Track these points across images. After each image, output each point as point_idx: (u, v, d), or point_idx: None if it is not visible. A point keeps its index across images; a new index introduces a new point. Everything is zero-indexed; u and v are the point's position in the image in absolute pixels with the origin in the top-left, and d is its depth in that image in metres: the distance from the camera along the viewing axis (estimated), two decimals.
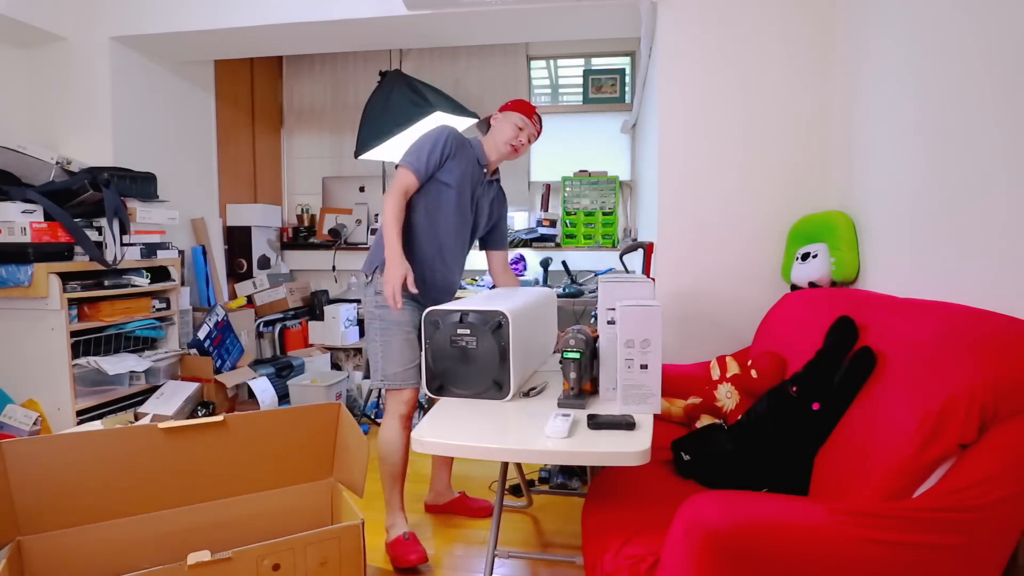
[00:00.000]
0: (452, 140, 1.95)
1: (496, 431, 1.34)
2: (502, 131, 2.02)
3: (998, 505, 0.94)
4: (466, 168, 1.99)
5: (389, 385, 1.94)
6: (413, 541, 1.91)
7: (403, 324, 1.93)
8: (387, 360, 1.93)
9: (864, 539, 0.95)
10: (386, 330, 1.94)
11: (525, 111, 2.04)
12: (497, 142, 2.03)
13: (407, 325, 1.93)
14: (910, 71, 1.63)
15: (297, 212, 4.17)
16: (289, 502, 1.77)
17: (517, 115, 2.03)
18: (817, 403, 1.35)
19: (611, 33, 2.93)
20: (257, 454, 1.72)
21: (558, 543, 2.05)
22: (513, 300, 1.63)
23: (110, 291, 2.60)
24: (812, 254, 2.02)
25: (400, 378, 1.93)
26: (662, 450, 1.59)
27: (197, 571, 1.33)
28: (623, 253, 2.82)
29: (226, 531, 1.66)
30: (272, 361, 3.32)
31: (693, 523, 0.99)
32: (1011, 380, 0.99)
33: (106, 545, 1.53)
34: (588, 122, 3.93)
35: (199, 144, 3.53)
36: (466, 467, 2.65)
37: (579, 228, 3.62)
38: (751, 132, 2.27)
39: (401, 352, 1.93)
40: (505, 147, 2.01)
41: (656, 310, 1.39)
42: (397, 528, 1.96)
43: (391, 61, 4.00)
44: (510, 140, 2.01)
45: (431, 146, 1.92)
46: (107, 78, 2.94)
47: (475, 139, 2.07)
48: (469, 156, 2.00)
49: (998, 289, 1.25)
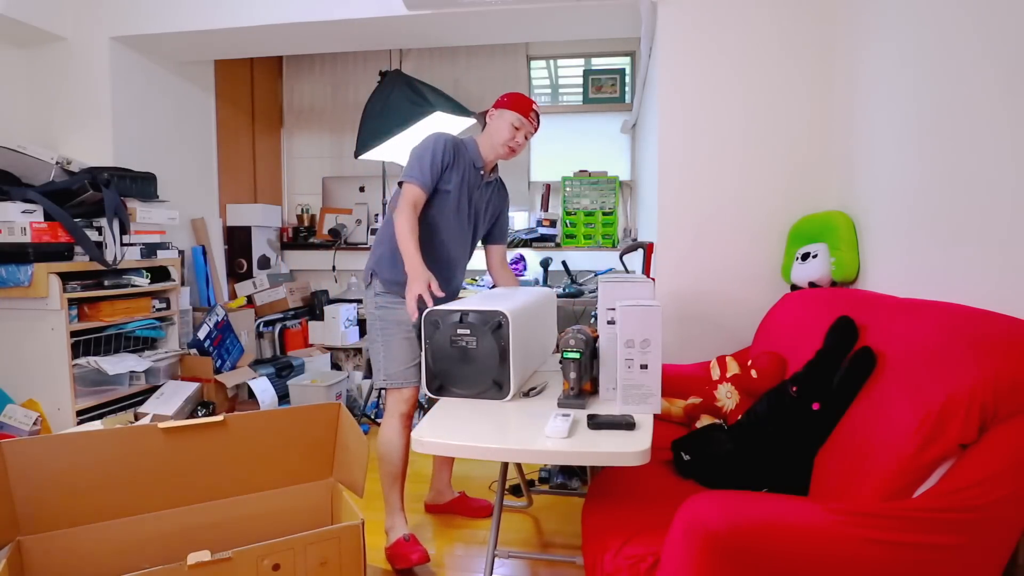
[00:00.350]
0: (449, 147, 1.92)
1: (496, 431, 1.34)
2: (498, 131, 1.97)
3: (998, 505, 0.94)
4: (463, 174, 1.96)
5: (391, 384, 1.93)
6: (413, 542, 1.90)
7: (403, 324, 1.93)
8: (388, 359, 1.94)
9: (864, 539, 0.95)
10: (386, 330, 1.94)
11: (521, 109, 1.97)
12: (494, 143, 1.98)
13: (407, 325, 1.92)
14: (910, 71, 1.63)
15: (297, 212, 4.17)
16: (289, 502, 1.77)
17: (513, 114, 1.96)
18: (817, 403, 1.35)
19: (611, 33, 2.93)
20: (257, 454, 1.71)
21: (558, 543, 2.05)
22: (513, 300, 1.63)
23: (110, 291, 2.60)
24: (812, 254, 2.02)
25: (401, 376, 1.93)
26: (662, 450, 1.59)
27: (197, 571, 1.33)
28: (623, 253, 2.82)
29: (226, 531, 1.66)
30: (272, 361, 3.32)
31: (693, 523, 0.99)
32: (1011, 380, 0.99)
33: (106, 545, 1.52)
34: (588, 122, 3.93)
35: (199, 144, 3.53)
36: (466, 467, 2.64)
37: (579, 228, 3.62)
38: (751, 132, 2.27)
39: (401, 351, 1.93)
40: (502, 148, 1.97)
41: (656, 310, 1.39)
42: (397, 530, 1.95)
43: (391, 61, 4.00)
44: (507, 142, 1.96)
45: (431, 156, 1.88)
46: (107, 78, 2.94)
47: (470, 139, 2.03)
48: (465, 160, 1.97)
49: (998, 289, 1.25)
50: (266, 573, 1.45)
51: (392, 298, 1.95)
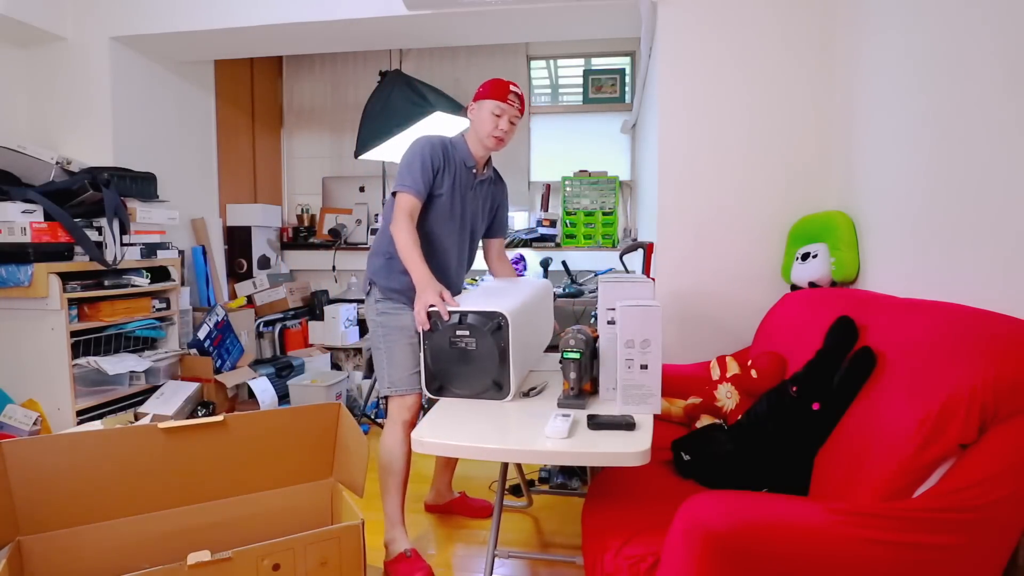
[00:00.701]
0: (438, 149, 1.86)
1: (496, 431, 1.34)
2: (481, 123, 1.88)
3: (998, 505, 0.94)
4: (455, 176, 1.90)
5: (395, 391, 1.88)
6: (416, 558, 1.83)
7: (406, 329, 1.89)
8: (392, 365, 1.89)
9: (864, 539, 0.95)
10: (389, 336, 1.90)
11: (497, 95, 1.86)
12: (480, 136, 1.89)
13: (410, 330, 1.88)
14: (911, 70, 1.63)
15: (297, 212, 4.17)
16: (289, 502, 1.77)
17: (491, 103, 1.85)
18: (817, 403, 1.35)
19: (611, 33, 2.92)
20: (257, 454, 1.71)
21: (558, 543, 2.05)
22: (511, 298, 1.62)
23: (110, 291, 2.60)
24: (812, 254, 2.02)
25: (406, 383, 1.88)
26: (662, 450, 1.59)
27: (197, 571, 1.33)
28: (623, 253, 2.82)
29: (226, 531, 1.66)
30: (272, 361, 3.32)
31: (693, 523, 0.99)
32: (1011, 380, 0.99)
33: (106, 545, 1.52)
34: (588, 122, 3.93)
35: (199, 144, 3.53)
36: (466, 467, 2.64)
37: (579, 228, 3.62)
38: (751, 132, 2.27)
39: (404, 357, 1.88)
40: (489, 140, 1.88)
41: (656, 310, 1.39)
42: (398, 544, 1.87)
43: (391, 61, 4.00)
44: (491, 132, 1.86)
45: (420, 161, 1.82)
46: (107, 78, 2.94)
47: (459, 138, 1.96)
48: (456, 162, 1.91)
49: (999, 289, 1.25)
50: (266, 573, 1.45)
51: (392, 304, 1.91)
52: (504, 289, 1.80)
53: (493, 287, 1.88)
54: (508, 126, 1.88)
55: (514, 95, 1.88)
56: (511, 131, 1.90)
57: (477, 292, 1.78)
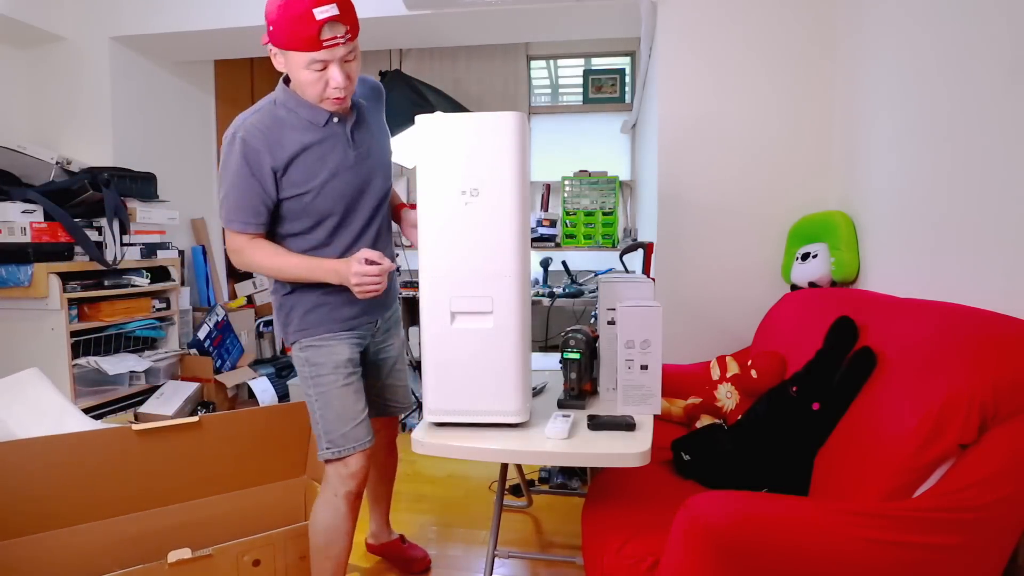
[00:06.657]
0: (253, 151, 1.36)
1: (496, 431, 1.34)
2: (301, 86, 1.34)
3: (998, 505, 0.94)
4: (309, 151, 1.38)
5: (335, 452, 1.42)
6: None
7: (339, 365, 1.43)
8: (326, 418, 1.42)
9: (864, 539, 0.95)
10: (318, 377, 1.42)
11: (304, 43, 1.24)
12: (309, 98, 1.36)
13: (343, 365, 1.43)
14: (910, 70, 1.63)
15: None
16: (264, 500, 1.77)
17: (300, 55, 1.27)
18: (817, 403, 1.35)
19: (611, 33, 2.92)
20: (232, 454, 1.72)
21: (558, 543, 2.05)
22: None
23: (110, 291, 2.60)
24: (812, 254, 2.02)
25: (349, 440, 1.41)
26: (662, 450, 1.59)
27: (178, 569, 1.33)
28: (623, 253, 2.81)
29: (202, 531, 1.65)
30: (272, 361, 3.32)
31: (693, 523, 0.99)
32: (1011, 380, 0.99)
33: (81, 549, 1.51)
34: (588, 122, 3.93)
35: (199, 144, 3.53)
36: (466, 467, 2.64)
37: (579, 228, 3.61)
38: (751, 132, 2.27)
39: (344, 402, 1.42)
40: (327, 103, 1.36)
41: (656, 310, 1.39)
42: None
43: (391, 61, 4.00)
44: (321, 94, 1.33)
45: (244, 183, 1.36)
46: (107, 78, 2.94)
47: (285, 95, 1.39)
48: (294, 138, 1.37)
49: (998, 289, 1.25)
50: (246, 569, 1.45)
51: (317, 337, 1.45)
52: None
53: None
54: (342, 77, 1.30)
55: (331, 26, 1.24)
56: (352, 81, 1.35)
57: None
